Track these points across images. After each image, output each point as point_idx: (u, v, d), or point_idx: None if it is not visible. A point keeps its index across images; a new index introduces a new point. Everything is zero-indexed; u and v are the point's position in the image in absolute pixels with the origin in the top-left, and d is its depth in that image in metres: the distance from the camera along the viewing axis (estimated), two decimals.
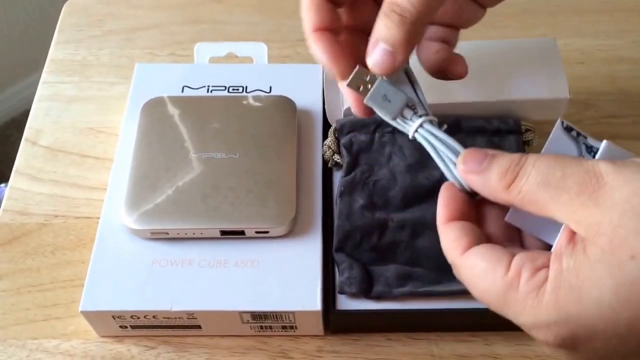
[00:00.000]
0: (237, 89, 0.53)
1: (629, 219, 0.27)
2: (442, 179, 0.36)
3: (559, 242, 0.29)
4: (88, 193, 0.52)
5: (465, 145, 0.49)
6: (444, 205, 0.34)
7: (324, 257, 0.45)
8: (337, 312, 0.44)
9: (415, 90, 0.37)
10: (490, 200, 0.32)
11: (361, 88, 0.36)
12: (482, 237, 0.33)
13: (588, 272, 0.27)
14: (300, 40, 0.62)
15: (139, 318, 0.43)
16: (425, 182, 0.47)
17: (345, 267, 0.44)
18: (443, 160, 0.35)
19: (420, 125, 0.36)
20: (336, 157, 0.49)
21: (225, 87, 0.54)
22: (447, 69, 0.42)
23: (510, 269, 0.29)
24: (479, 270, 0.30)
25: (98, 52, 0.62)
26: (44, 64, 0.61)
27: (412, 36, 0.34)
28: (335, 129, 0.50)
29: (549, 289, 0.28)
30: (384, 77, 0.36)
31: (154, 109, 0.51)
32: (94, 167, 0.54)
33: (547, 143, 0.34)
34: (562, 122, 0.35)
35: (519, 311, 0.29)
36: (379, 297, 0.44)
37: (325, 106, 0.51)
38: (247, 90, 0.53)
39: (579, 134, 0.35)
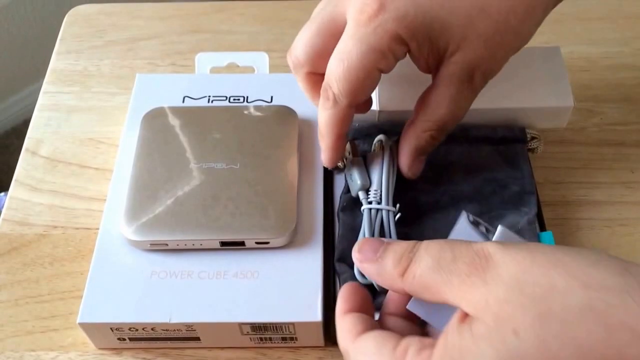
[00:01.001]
0: (238, 99, 0.53)
1: (515, 294, 0.27)
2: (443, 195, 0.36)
3: (450, 322, 0.30)
4: (88, 204, 0.52)
5: (470, 155, 0.49)
6: (342, 299, 0.36)
7: (324, 267, 0.44)
8: None
9: (370, 179, 0.46)
10: (387, 289, 0.34)
11: (345, 160, 0.48)
12: (376, 325, 0.34)
13: (471, 348, 0.28)
14: None
15: (137, 330, 0.43)
16: (426, 197, 0.47)
17: (347, 277, 0.44)
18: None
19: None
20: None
21: (226, 97, 0.53)
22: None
23: (398, 347, 0.30)
24: (370, 351, 0.32)
25: (99, 63, 0.62)
26: (45, 73, 0.61)
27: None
28: None
29: None
30: (355, 160, 0.47)
31: (154, 120, 0.51)
32: (94, 178, 0.53)
33: (450, 233, 0.36)
34: (468, 216, 0.36)
35: None
36: (379, 308, 0.43)
37: None
38: (248, 100, 0.53)
39: (487, 229, 0.36)
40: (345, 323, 0.34)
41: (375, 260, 0.33)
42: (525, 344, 0.26)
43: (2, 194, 1.00)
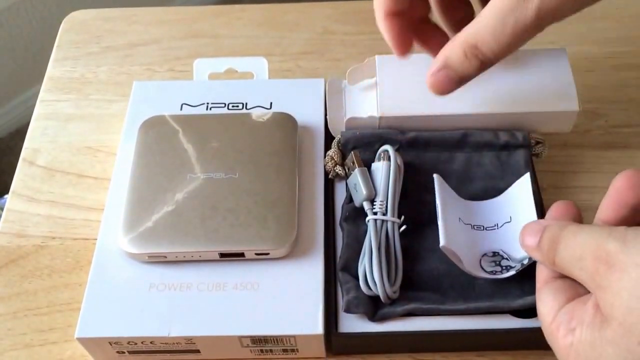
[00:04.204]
0: (237, 106, 0.52)
1: (637, 305, 0.28)
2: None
3: (587, 309, 0.32)
4: (86, 214, 0.51)
5: (471, 162, 0.48)
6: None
7: (325, 278, 0.44)
8: (340, 334, 0.43)
9: (375, 190, 0.46)
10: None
11: (348, 171, 0.47)
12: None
13: (601, 350, 0.30)
14: (302, 54, 0.62)
15: (136, 344, 0.42)
16: (427, 207, 0.46)
17: (350, 287, 0.43)
18: (364, 253, 0.44)
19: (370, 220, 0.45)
20: (338, 169, 0.48)
21: (225, 104, 0.53)
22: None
23: (554, 321, 0.34)
24: (539, 311, 0.36)
25: (96, 69, 0.61)
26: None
27: (479, 73, 0.41)
28: (340, 141, 0.49)
29: (573, 354, 0.32)
30: (359, 170, 0.46)
31: (151, 128, 0.50)
32: (91, 187, 0.53)
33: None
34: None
35: (556, 354, 0.33)
36: (383, 319, 0.43)
37: (328, 118, 0.50)
38: (247, 107, 0.52)
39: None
40: (542, 272, 0.37)
41: (535, 249, 0.36)
42: None
43: (6, 196, 0.99)
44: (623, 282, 0.29)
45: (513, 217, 0.45)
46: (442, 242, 0.42)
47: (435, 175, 0.46)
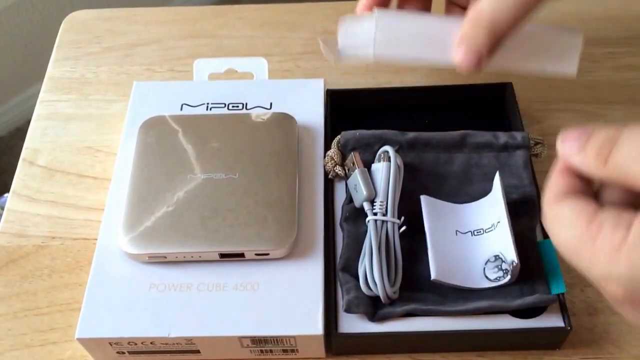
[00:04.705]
0: (237, 106, 0.52)
1: None
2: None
3: None
4: (86, 214, 0.51)
5: (470, 163, 0.48)
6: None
7: (325, 278, 0.44)
8: (339, 335, 0.43)
9: (375, 190, 0.46)
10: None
11: (347, 171, 0.47)
12: (582, 191, 0.32)
13: None
14: (301, 54, 0.62)
15: (136, 344, 0.42)
16: None
17: (351, 287, 0.43)
18: (365, 253, 0.44)
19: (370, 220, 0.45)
20: (338, 169, 0.48)
21: (225, 104, 0.53)
22: None
23: (594, 221, 0.29)
24: (564, 221, 0.31)
25: (96, 69, 0.61)
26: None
27: (496, 43, 0.41)
28: (339, 142, 0.49)
29: (626, 248, 0.28)
30: (360, 171, 0.46)
31: (151, 129, 0.50)
32: (92, 187, 0.53)
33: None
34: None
35: (593, 264, 0.29)
36: (383, 319, 0.43)
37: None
38: (247, 107, 0.52)
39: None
40: (551, 183, 0.33)
41: (578, 152, 0.32)
42: None
43: (6, 195, 0.99)
44: None
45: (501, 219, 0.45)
46: (433, 275, 0.43)
47: (422, 197, 0.46)
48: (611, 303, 0.31)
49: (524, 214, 0.46)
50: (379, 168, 0.47)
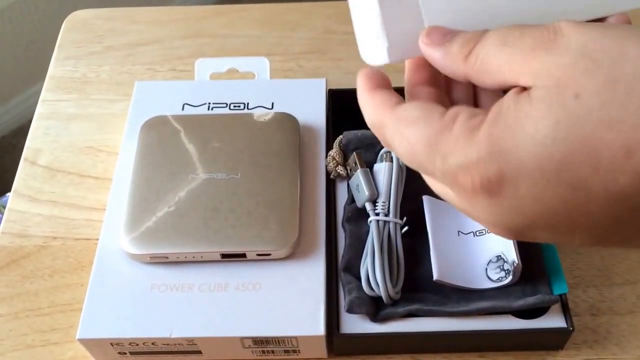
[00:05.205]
0: (239, 106, 0.52)
1: (581, 60, 0.25)
2: None
3: (505, 95, 0.27)
4: (87, 214, 0.51)
5: None
6: (366, 76, 0.33)
7: (327, 279, 0.44)
8: (341, 335, 0.42)
9: (377, 190, 0.46)
10: (449, 77, 0.30)
11: (349, 171, 0.47)
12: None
13: (527, 110, 0.26)
14: (303, 53, 0.62)
15: (137, 345, 0.42)
16: None
17: (353, 287, 0.43)
18: (367, 254, 0.43)
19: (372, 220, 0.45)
20: (339, 169, 0.48)
21: (227, 104, 0.53)
22: None
23: (447, 114, 0.28)
24: (413, 118, 0.29)
25: (98, 69, 0.61)
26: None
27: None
28: (341, 142, 0.49)
29: (484, 127, 0.26)
30: (362, 171, 0.46)
31: (153, 128, 0.50)
32: (93, 187, 0.53)
33: None
34: None
35: (449, 153, 0.27)
36: (385, 319, 0.43)
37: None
38: (249, 107, 0.52)
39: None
40: (377, 96, 0.31)
41: (442, 44, 0.30)
42: (585, 108, 0.25)
43: (8, 194, 1.00)
44: (569, 45, 0.26)
45: None
46: (435, 276, 0.43)
47: (424, 197, 0.46)
48: (458, 203, 0.29)
49: None
50: (381, 168, 0.46)
